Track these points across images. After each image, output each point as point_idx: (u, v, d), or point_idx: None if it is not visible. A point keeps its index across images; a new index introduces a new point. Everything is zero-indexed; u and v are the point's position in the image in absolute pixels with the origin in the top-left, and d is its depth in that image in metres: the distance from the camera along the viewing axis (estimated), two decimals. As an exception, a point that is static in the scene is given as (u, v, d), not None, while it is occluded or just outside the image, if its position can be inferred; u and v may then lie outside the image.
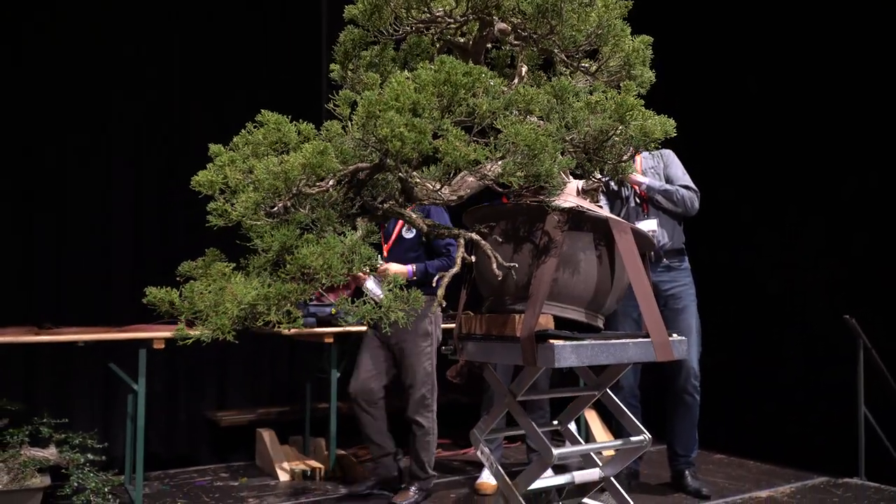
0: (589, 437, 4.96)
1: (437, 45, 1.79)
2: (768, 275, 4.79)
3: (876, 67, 4.18)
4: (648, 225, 3.61)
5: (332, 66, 1.75)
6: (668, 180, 3.74)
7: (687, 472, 3.77)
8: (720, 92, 5.07)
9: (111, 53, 4.73)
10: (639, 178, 3.64)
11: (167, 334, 3.54)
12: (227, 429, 4.64)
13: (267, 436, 4.42)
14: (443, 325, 3.77)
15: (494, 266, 1.36)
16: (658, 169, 3.79)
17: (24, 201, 4.41)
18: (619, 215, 3.70)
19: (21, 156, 4.43)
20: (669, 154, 3.82)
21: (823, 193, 4.46)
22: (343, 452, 4.21)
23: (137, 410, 3.44)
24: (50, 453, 3.38)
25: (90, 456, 3.46)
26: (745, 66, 4.98)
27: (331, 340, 3.96)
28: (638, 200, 3.71)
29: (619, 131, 1.45)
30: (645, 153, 3.75)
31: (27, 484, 3.19)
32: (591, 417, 5.15)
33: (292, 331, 3.86)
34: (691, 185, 3.72)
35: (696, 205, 3.70)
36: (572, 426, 4.50)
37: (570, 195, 1.77)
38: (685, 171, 3.77)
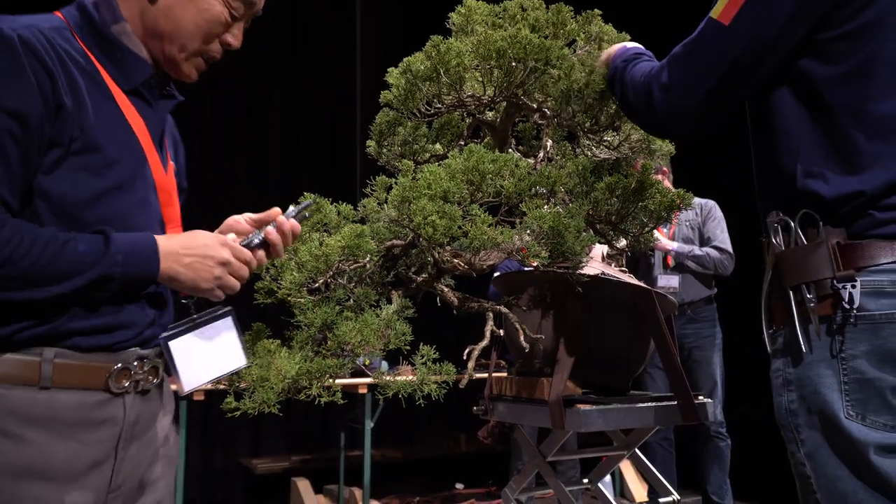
0: (623, 489, 4.92)
1: (467, 122, 1.89)
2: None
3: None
4: (669, 281, 3.62)
5: (369, 142, 1.87)
6: (705, 236, 3.72)
7: (722, 524, 3.74)
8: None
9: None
10: (666, 244, 3.62)
11: (207, 385, 3.65)
12: (262, 476, 4.71)
13: (301, 486, 4.48)
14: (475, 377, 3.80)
15: (521, 338, 1.43)
16: (695, 222, 3.76)
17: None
18: (640, 267, 3.74)
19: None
20: (713, 208, 3.75)
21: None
22: (377, 503, 4.25)
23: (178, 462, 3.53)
24: (94, 502, 3.49)
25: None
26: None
27: (364, 391, 4.04)
28: (661, 255, 3.72)
29: (639, 207, 1.53)
30: None
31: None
32: (626, 467, 5.11)
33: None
34: (726, 246, 3.65)
35: (729, 267, 3.64)
36: (606, 477, 4.48)
37: (595, 261, 1.85)
38: (724, 229, 3.70)
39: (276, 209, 1.20)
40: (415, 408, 1.80)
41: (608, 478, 4.53)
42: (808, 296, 1.10)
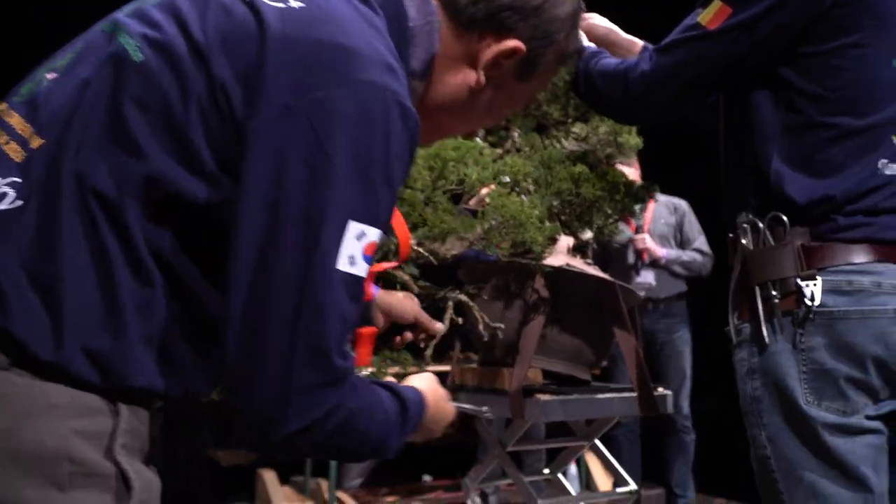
0: (589, 480, 4.96)
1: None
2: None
3: None
4: (647, 277, 3.66)
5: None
6: (684, 237, 3.79)
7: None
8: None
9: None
10: (658, 250, 3.66)
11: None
12: (228, 468, 4.66)
13: (267, 477, 4.44)
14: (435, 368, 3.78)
15: (481, 327, 1.43)
16: (669, 221, 3.82)
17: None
18: (614, 263, 3.76)
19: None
20: (687, 210, 3.85)
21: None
22: (344, 494, 4.23)
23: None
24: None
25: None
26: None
27: (333, 381, 4.02)
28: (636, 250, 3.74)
29: (603, 198, 1.53)
30: (660, 200, 3.80)
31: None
32: (593, 459, 5.15)
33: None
34: (707, 249, 3.75)
35: (709, 267, 3.76)
36: (572, 469, 4.49)
37: (560, 252, 1.85)
38: (701, 230, 3.80)
39: None
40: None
41: (574, 469, 4.56)
42: (774, 292, 1.18)
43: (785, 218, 1.18)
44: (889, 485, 1.19)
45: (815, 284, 1.14)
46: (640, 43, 1.49)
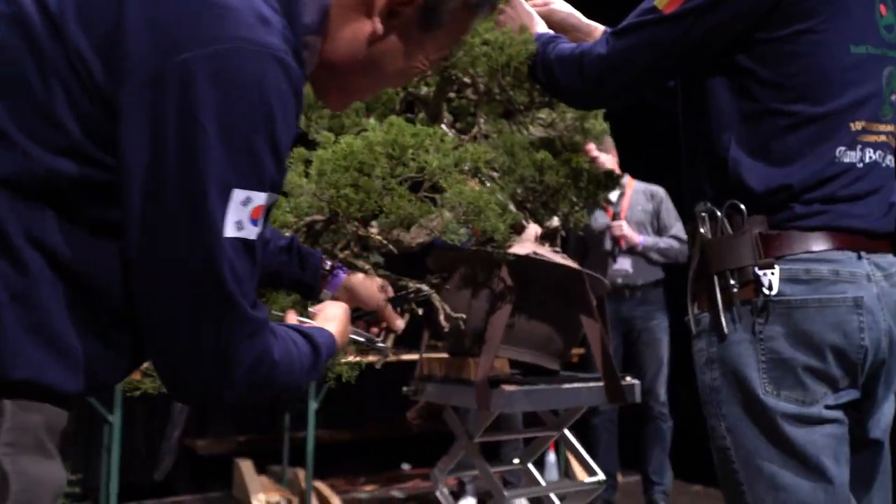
0: (568, 471, 4.97)
1: (400, 95, 1.85)
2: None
3: None
4: (623, 264, 3.66)
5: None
6: (662, 225, 3.79)
7: (661, 502, 3.81)
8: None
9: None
10: (634, 237, 3.66)
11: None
12: (205, 457, 4.64)
13: (244, 466, 4.42)
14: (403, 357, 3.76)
15: (442, 318, 1.41)
16: (648, 208, 3.82)
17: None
18: (591, 251, 3.75)
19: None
20: (664, 197, 3.84)
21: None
22: (320, 483, 4.22)
23: (112, 442, 3.45)
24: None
25: (66, 488, 3.46)
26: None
27: (309, 371, 3.99)
28: (613, 237, 3.73)
29: (567, 185, 1.51)
30: (637, 187, 3.80)
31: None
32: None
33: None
34: (683, 235, 3.74)
35: (686, 254, 3.74)
36: (551, 457, 4.49)
37: (527, 241, 1.82)
38: (678, 217, 3.79)
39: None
40: (365, 389, 1.74)
41: (553, 458, 4.56)
42: (732, 281, 1.17)
43: (742, 206, 1.16)
44: (849, 475, 1.18)
45: (772, 273, 1.13)
46: (600, 28, 1.46)
